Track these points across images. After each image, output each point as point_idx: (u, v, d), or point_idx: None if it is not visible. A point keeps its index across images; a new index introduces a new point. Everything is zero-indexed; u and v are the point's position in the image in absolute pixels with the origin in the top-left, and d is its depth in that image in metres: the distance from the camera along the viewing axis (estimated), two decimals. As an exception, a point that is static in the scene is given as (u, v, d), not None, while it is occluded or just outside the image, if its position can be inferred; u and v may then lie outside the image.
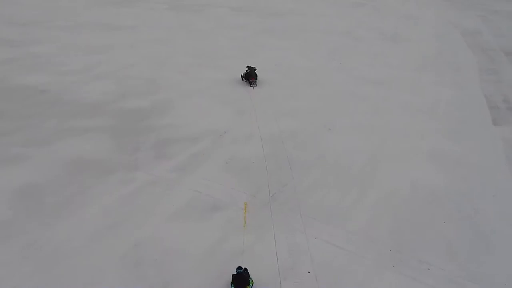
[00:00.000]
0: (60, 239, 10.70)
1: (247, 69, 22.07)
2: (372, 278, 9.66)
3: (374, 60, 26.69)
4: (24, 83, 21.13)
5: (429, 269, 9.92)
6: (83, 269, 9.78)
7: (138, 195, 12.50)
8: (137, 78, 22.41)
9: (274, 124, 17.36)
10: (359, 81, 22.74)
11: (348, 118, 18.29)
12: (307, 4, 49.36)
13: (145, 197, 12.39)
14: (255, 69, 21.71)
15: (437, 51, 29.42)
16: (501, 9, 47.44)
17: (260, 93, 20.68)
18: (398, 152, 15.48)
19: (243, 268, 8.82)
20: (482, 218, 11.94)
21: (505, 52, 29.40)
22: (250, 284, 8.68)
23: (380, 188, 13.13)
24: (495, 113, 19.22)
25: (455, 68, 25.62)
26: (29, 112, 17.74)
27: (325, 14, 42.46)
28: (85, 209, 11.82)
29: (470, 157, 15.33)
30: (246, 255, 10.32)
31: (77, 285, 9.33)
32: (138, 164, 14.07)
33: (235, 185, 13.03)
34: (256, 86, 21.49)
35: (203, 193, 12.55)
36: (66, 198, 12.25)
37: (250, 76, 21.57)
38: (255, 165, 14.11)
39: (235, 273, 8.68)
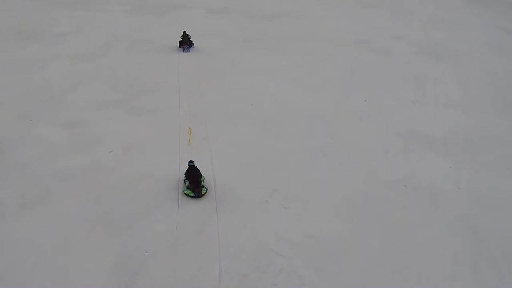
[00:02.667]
0: None
1: (182, 35, 19.21)
2: None
3: (421, 92, 14.57)
4: None
5: None
6: None
7: None
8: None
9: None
10: (410, 143, 10.77)
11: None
12: (307, 4, 37.09)
13: None
14: (190, 37, 19.25)
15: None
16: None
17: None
18: None
19: (194, 161, 8.59)
20: None
21: None
22: (202, 178, 8.60)
23: None
24: None
25: None
26: None
27: (330, 16, 30.10)
28: None
29: None
30: None
31: None
32: None
33: None
34: (189, 52, 18.63)
35: None
36: None
37: (183, 43, 18.89)
38: None
39: (187, 167, 8.40)
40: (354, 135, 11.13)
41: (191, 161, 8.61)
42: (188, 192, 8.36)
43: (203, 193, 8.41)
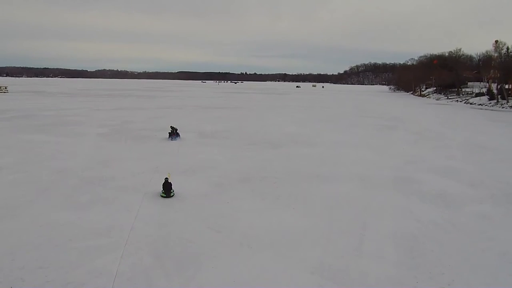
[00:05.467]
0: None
1: (171, 129, 23.21)
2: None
3: None
4: None
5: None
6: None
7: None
8: None
9: None
10: None
11: None
12: (314, 127, 32.24)
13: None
14: (177, 129, 23.27)
15: None
16: None
17: None
18: None
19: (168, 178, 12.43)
20: None
21: None
22: (172, 189, 12.58)
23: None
24: None
25: None
26: None
27: (347, 142, 24.56)
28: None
29: None
30: None
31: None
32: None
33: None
34: (175, 140, 22.19)
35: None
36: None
37: (172, 134, 22.73)
38: None
39: (164, 181, 12.27)
40: None
41: (166, 178, 12.56)
42: (162, 194, 12.50)
43: (171, 195, 12.52)
